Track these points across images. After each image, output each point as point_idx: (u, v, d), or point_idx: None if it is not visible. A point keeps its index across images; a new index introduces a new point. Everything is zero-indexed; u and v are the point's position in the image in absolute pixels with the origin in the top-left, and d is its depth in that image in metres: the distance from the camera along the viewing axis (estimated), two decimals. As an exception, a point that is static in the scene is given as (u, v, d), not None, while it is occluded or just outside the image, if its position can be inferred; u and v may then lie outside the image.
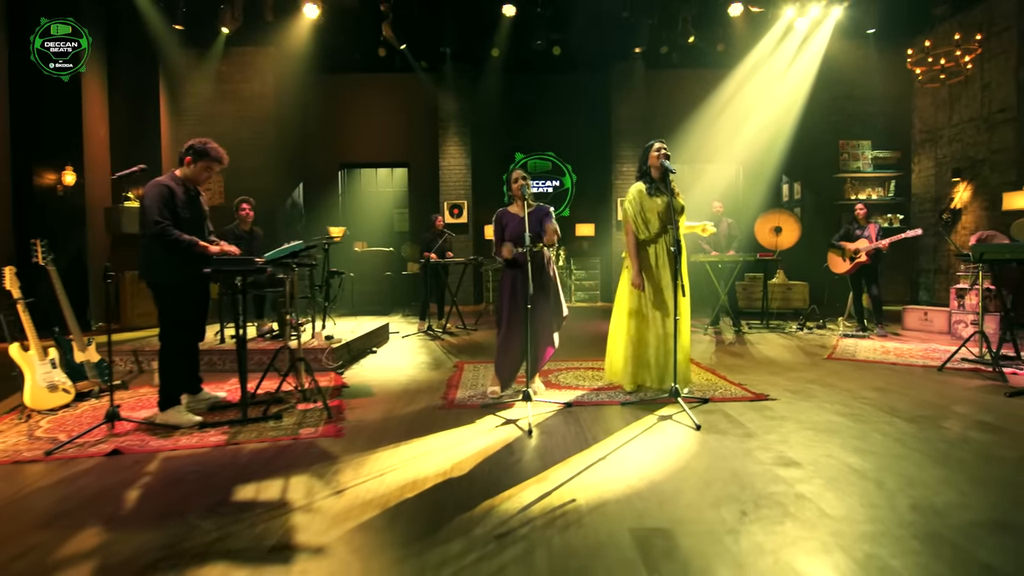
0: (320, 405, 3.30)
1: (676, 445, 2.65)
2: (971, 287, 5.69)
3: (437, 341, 6.13)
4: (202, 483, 2.27)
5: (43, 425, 3.08)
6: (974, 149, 8.07)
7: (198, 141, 3.19)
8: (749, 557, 1.66)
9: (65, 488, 2.25)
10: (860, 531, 1.80)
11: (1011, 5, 7.41)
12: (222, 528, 1.87)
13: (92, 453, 2.61)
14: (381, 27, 8.88)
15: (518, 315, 3.45)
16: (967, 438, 2.75)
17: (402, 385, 4.01)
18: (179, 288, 3.05)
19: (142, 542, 1.79)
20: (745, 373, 4.23)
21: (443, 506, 2.03)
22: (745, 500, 2.04)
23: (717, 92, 9.89)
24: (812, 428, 2.88)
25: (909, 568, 1.59)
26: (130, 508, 2.07)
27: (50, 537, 1.83)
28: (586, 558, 1.66)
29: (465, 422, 3.07)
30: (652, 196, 3.57)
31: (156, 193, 2.97)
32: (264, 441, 2.76)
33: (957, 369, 4.26)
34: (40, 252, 3.65)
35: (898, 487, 2.14)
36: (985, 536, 1.77)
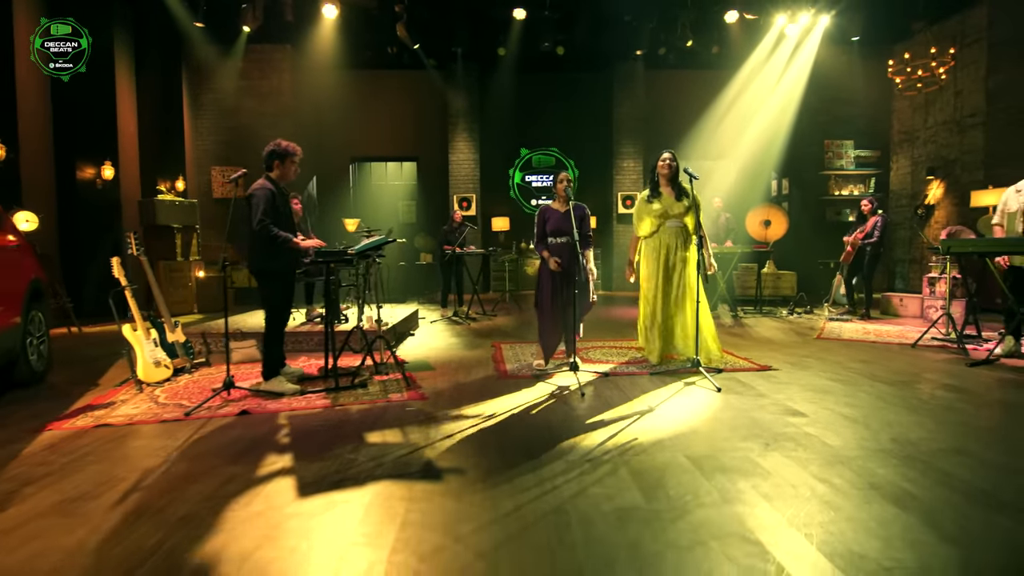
0: (394, 376, 3.84)
1: (704, 403, 3.26)
2: (940, 276, 6.41)
3: (462, 325, 6.68)
4: (333, 432, 2.81)
5: (159, 394, 3.58)
6: (947, 150, 8.82)
7: (274, 145, 3.64)
8: (776, 468, 2.27)
9: (221, 438, 2.77)
10: (854, 454, 2.42)
11: (981, 19, 8.12)
12: (373, 460, 2.43)
13: (224, 414, 3.13)
14: (395, 27, 9.30)
15: (558, 299, 4.03)
16: (935, 395, 3.41)
17: (453, 361, 4.57)
18: (279, 275, 3.56)
19: (318, 468, 2.34)
20: (748, 350, 4.87)
21: (534, 443, 2.61)
22: (766, 437, 2.65)
23: (713, 92, 10.51)
24: (811, 390, 3.52)
25: (891, 475, 2.21)
26: (290, 448, 2.61)
27: (242, 469, 2.36)
28: (657, 472, 2.26)
29: (523, 387, 3.65)
30: (649, 202, 4.17)
31: (263, 196, 3.45)
32: (364, 403, 3.31)
33: (927, 346, 4.96)
34: (134, 244, 4.12)
35: (880, 427, 2.78)
36: (946, 457, 2.40)
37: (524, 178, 11.49)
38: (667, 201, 4.12)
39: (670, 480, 2.18)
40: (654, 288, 4.13)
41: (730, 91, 10.42)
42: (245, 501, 2.04)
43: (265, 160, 3.61)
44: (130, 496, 2.10)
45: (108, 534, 1.81)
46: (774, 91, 10.11)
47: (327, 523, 1.87)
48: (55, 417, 3.09)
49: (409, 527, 1.83)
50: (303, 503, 2.02)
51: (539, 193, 11.48)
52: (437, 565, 1.62)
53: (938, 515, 1.89)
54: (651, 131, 10.95)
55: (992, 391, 3.52)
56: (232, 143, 9.91)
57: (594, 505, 1.98)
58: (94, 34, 7.37)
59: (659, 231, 4.11)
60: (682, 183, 4.15)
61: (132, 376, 3.78)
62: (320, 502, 2.03)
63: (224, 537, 1.78)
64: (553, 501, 2.01)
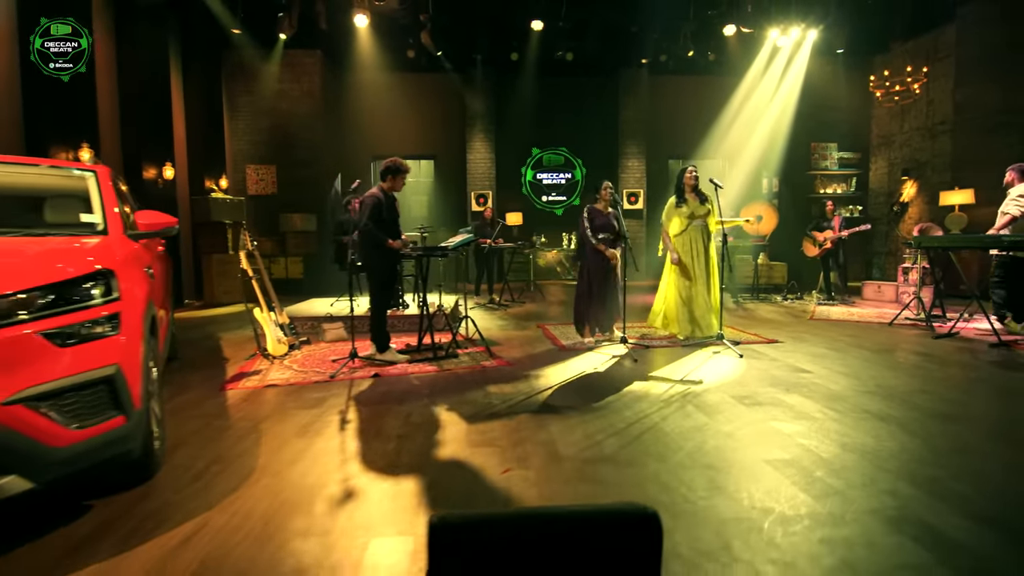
0: (475, 349, 4.69)
1: (731, 365, 4.18)
2: (912, 266, 7.44)
3: (498, 311, 7.54)
4: (457, 385, 3.67)
5: (291, 364, 4.38)
6: (919, 153, 9.89)
7: (389, 162, 4.45)
8: (795, 403, 3.19)
9: (375, 390, 3.61)
10: (849, 394, 3.36)
11: (951, 37, 9.14)
12: (503, 402, 3.29)
13: (359, 376, 3.96)
14: (418, 34, 10.02)
15: (604, 284, 4.92)
16: (907, 358, 4.38)
17: (511, 339, 5.43)
18: (382, 269, 4.37)
19: (468, 406, 3.19)
20: (755, 328, 5.82)
21: (616, 391, 3.49)
22: (784, 385, 3.58)
23: (711, 97, 11.44)
24: (811, 356, 4.47)
25: (876, 405, 3.14)
26: (436, 395, 3.45)
27: (412, 407, 3.21)
28: (713, 406, 3.16)
29: (583, 355, 4.53)
30: (678, 206, 5.07)
31: (370, 203, 4.24)
32: (464, 368, 4.16)
33: (902, 324, 5.96)
34: (249, 240, 4.89)
35: (867, 379, 3.73)
36: (914, 395, 3.35)
37: (535, 176, 12.32)
38: (693, 205, 5.02)
39: (724, 410, 3.09)
40: (683, 274, 5.04)
41: (726, 96, 11.37)
42: (433, 423, 2.90)
43: (381, 172, 4.40)
44: (346, 426, 2.94)
45: (354, 445, 2.66)
46: (766, 97, 11.08)
47: (508, 430, 2.73)
48: (224, 382, 3.88)
49: (557, 435, 2.70)
50: (478, 424, 2.88)
51: (549, 190, 12.33)
52: (592, 454, 2.50)
53: (908, 425, 2.82)
54: (653, 133, 11.87)
55: (950, 355, 4.50)
56: (266, 143, 10.57)
57: (676, 424, 2.87)
58: (154, 47, 8.06)
59: (687, 230, 5.01)
60: (703, 190, 5.04)
61: (260, 351, 4.58)
62: (493, 423, 2.89)
63: (439, 441, 2.64)
64: (648, 423, 2.90)
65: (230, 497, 2.13)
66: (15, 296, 1.66)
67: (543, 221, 12.24)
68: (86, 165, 3.10)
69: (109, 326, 1.88)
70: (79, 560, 1.72)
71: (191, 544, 1.81)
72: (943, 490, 2.12)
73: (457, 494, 2.14)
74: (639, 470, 2.34)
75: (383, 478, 2.29)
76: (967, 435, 2.73)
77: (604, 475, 2.30)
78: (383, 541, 1.82)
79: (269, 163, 10.63)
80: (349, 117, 11.70)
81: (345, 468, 2.40)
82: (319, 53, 10.51)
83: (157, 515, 2.00)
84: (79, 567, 1.69)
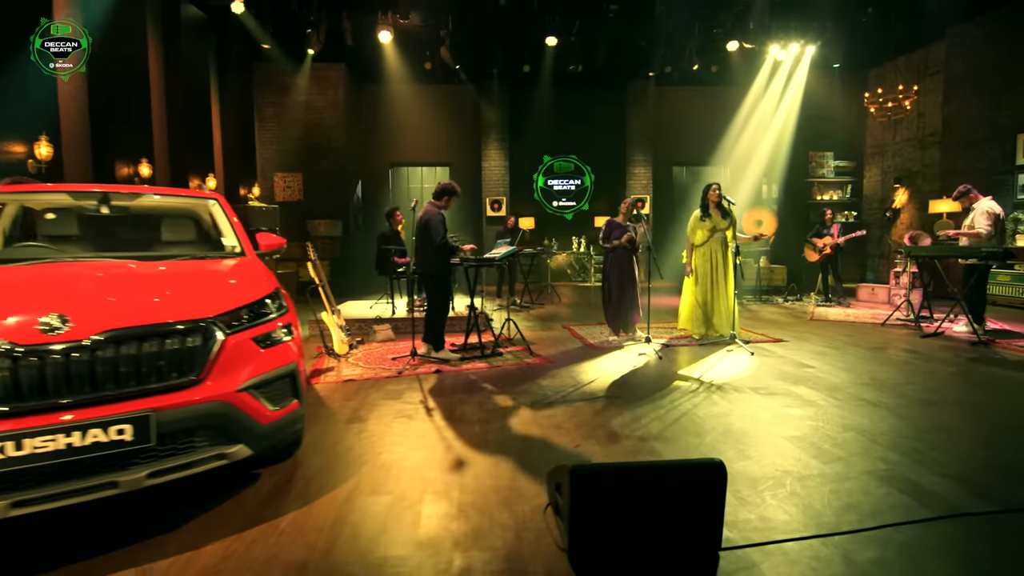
0: (515, 348, 5.28)
1: (745, 361, 4.78)
2: (903, 271, 8.07)
3: (521, 312, 8.12)
4: (510, 379, 4.25)
5: (357, 362, 4.95)
6: (911, 163, 10.53)
7: (448, 184, 5.01)
8: (802, 392, 3.79)
9: (442, 383, 4.18)
10: (847, 386, 3.97)
11: (940, 55, 9.78)
12: (556, 392, 3.88)
13: (422, 372, 4.54)
14: (437, 48, 10.57)
15: (626, 287, 5.51)
16: (897, 356, 5.00)
17: (543, 338, 6.01)
18: (445, 276, 4.95)
19: (528, 396, 3.78)
20: (761, 329, 6.43)
21: (650, 383, 4.08)
22: (792, 378, 4.18)
23: (714, 107, 12.07)
24: (813, 353, 5.08)
25: (870, 394, 3.75)
26: (497, 386, 4.03)
27: (481, 397, 3.79)
28: (734, 395, 3.76)
29: (612, 353, 5.12)
30: (703, 220, 5.67)
31: (439, 220, 4.82)
32: (512, 365, 4.74)
33: (893, 325, 6.58)
34: (311, 251, 5.45)
35: (863, 372, 4.34)
36: (902, 386, 3.96)
37: (547, 182, 12.90)
38: (715, 219, 5.62)
39: (743, 398, 3.70)
40: (704, 281, 5.64)
41: (729, 107, 11.99)
42: (503, 411, 3.48)
43: (439, 193, 4.95)
44: (432, 413, 3.52)
45: (446, 428, 3.24)
46: (766, 108, 11.70)
47: (567, 415, 3.32)
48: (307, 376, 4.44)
49: (610, 419, 3.29)
50: (540, 411, 3.47)
51: (560, 195, 12.92)
52: (642, 434, 3.09)
53: (896, 409, 3.44)
54: (659, 141, 12.48)
55: (934, 352, 5.12)
56: (291, 151, 11.12)
57: (705, 410, 3.47)
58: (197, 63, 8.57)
59: (709, 240, 5.61)
60: (724, 205, 5.64)
61: (326, 350, 5.15)
62: (553, 409, 3.48)
63: (514, 424, 3.22)
64: (682, 409, 3.50)
65: (365, 467, 2.70)
66: (237, 312, 2.23)
67: (554, 225, 12.83)
68: (210, 193, 3.65)
69: (286, 332, 2.45)
70: (273, 510, 2.29)
71: (354, 500, 2.38)
72: (922, 457, 2.73)
73: (543, 462, 2.72)
74: (682, 444, 2.94)
75: (481, 451, 2.87)
76: (943, 417, 3.34)
77: (656, 448, 2.89)
78: (500, 491, 2.40)
79: (296, 171, 11.16)
80: (369, 126, 12.25)
81: (448, 445, 2.98)
82: (343, 66, 11.05)
83: (316, 479, 2.57)
84: (279, 515, 2.26)
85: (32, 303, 1.95)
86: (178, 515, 2.23)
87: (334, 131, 11.19)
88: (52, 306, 1.89)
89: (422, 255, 4.91)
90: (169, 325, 2.00)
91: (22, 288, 2.13)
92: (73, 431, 1.78)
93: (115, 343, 1.89)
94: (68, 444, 1.77)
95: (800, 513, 2.20)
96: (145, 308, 2.03)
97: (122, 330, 1.90)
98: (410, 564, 1.91)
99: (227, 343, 2.14)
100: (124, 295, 2.14)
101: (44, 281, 2.21)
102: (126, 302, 2.06)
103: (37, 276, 2.27)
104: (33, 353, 1.78)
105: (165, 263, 2.67)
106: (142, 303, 2.07)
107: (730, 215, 5.64)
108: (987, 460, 2.73)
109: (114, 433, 1.84)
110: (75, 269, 2.41)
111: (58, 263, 2.48)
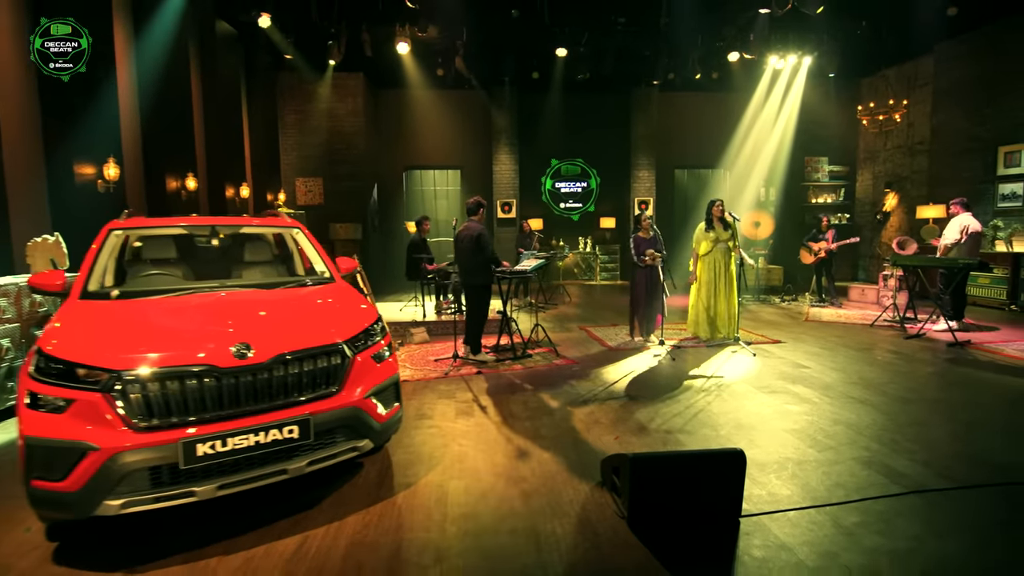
0: (541, 350, 5.89)
1: (748, 362, 5.41)
2: (891, 275, 8.72)
3: (538, 313, 8.71)
4: (544, 379, 4.86)
5: (404, 364, 5.53)
6: (900, 169, 11.16)
7: (480, 200, 5.57)
8: (798, 391, 4.43)
9: (486, 383, 4.78)
10: (838, 384, 4.60)
11: (929, 67, 10.37)
12: (587, 391, 4.50)
13: (465, 373, 5.13)
14: (450, 57, 11.06)
15: (649, 295, 6.12)
16: (883, 357, 5.64)
17: (563, 340, 6.61)
18: (487, 287, 5.53)
19: (565, 395, 4.39)
20: (761, 330, 7.06)
21: (667, 382, 4.70)
22: (789, 377, 4.82)
23: (714, 113, 12.64)
24: (808, 354, 5.71)
25: (857, 392, 4.38)
26: (535, 388, 4.64)
27: (524, 396, 4.39)
28: (740, 393, 4.39)
29: (631, 354, 5.74)
30: (707, 232, 6.27)
31: (487, 235, 5.38)
32: (542, 366, 5.35)
33: (881, 326, 7.23)
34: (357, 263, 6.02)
35: (852, 372, 4.98)
36: (886, 385, 4.60)
37: (554, 185, 13.46)
38: (719, 231, 6.23)
39: (749, 396, 4.32)
40: (708, 288, 6.26)
41: (729, 113, 12.56)
42: (547, 408, 4.10)
43: (474, 209, 5.51)
44: (486, 411, 4.12)
45: (502, 423, 3.85)
46: (764, 115, 12.28)
47: (604, 412, 3.93)
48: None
49: (639, 415, 3.91)
50: (579, 408, 4.08)
51: (567, 197, 13.48)
52: (668, 427, 3.71)
53: (879, 406, 4.07)
54: (662, 145, 13.04)
55: (915, 353, 5.77)
56: (312, 157, 11.62)
57: (718, 407, 4.10)
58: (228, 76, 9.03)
59: (713, 251, 6.22)
60: (725, 218, 6.24)
61: (374, 352, 5.73)
62: (590, 407, 4.09)
63: (560, 420, 3.83)
64: (699, 406, 4.12)
65: (445, 457, 3.31)
66: (359, 335, 2.82)
67: (561, 226, 13.41)
68: (292, 221, 4.20)
69: (388, 350, 3.04)
70: (386, 491, 2.89)
71: (445, 484, 2.99)
72: (899, 447, 3.36)
73: (591, 451, 3.33)
74: (701, 436, 3.56)
75: (536, 443, 3.48)
76: (920, 413, 3.98)
77: (680, 440, 3.51)
78: (561, 474, 3.01)
79: (316, 176, 11.67)
80: (385, 131, 12.75)
81: (507, 438, 3.59)
82: (361, 75, 11.52)
83: (409, 468, 3.17)
84: (392, 494, 2.86)
85: (209, 332, 2.52)
86: (313, 495, 2.83)
87: (353, 137, 11.68)
88: (235, 336, 2.47)
89: (468, 265, 5.46)
90: (320, 348, 2.59)
91: (189, 318, 2.71)
92: (259, 431, 2.37)
93: (284, 364, 2.48)
94: (256, 441, 2.36)
95: (799, 489, 2.83)
96: (300, 334, 2.62)
97: (290, 353, 2.49)
98: (510, 531, 2.52)
99: (355, 360, 2.73)
100: (278, 323, 2.73)
101: (205, 311, 2.79)
102: (284, 329, 2.65)
103: (194, 306, 2.84)
104: (231, 373, 2.36)
105: (279, 291, 3.25)
106: (296, 330, 2.66)
107: (731, 227, 6.25)
108: (952, 450, 3.36)
109: (286, 432, 2.43)
110: (219, 299, 2.98)
111: (200, 294, 3.04)
